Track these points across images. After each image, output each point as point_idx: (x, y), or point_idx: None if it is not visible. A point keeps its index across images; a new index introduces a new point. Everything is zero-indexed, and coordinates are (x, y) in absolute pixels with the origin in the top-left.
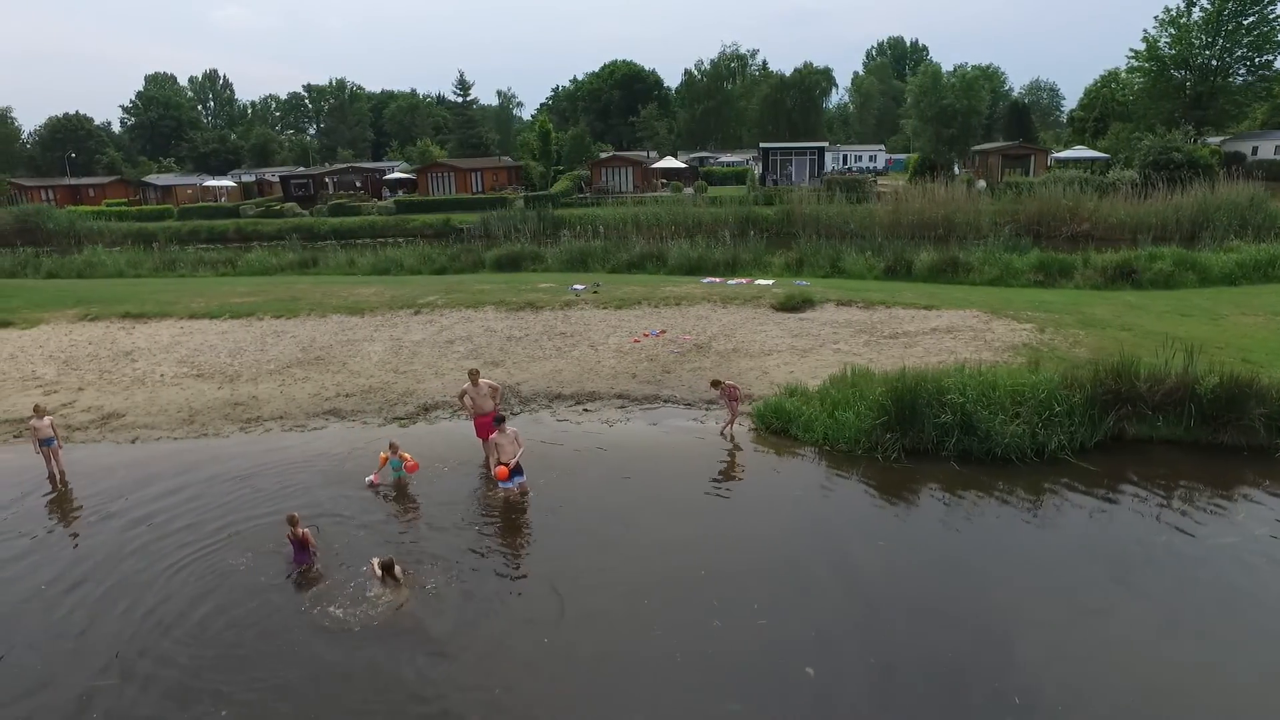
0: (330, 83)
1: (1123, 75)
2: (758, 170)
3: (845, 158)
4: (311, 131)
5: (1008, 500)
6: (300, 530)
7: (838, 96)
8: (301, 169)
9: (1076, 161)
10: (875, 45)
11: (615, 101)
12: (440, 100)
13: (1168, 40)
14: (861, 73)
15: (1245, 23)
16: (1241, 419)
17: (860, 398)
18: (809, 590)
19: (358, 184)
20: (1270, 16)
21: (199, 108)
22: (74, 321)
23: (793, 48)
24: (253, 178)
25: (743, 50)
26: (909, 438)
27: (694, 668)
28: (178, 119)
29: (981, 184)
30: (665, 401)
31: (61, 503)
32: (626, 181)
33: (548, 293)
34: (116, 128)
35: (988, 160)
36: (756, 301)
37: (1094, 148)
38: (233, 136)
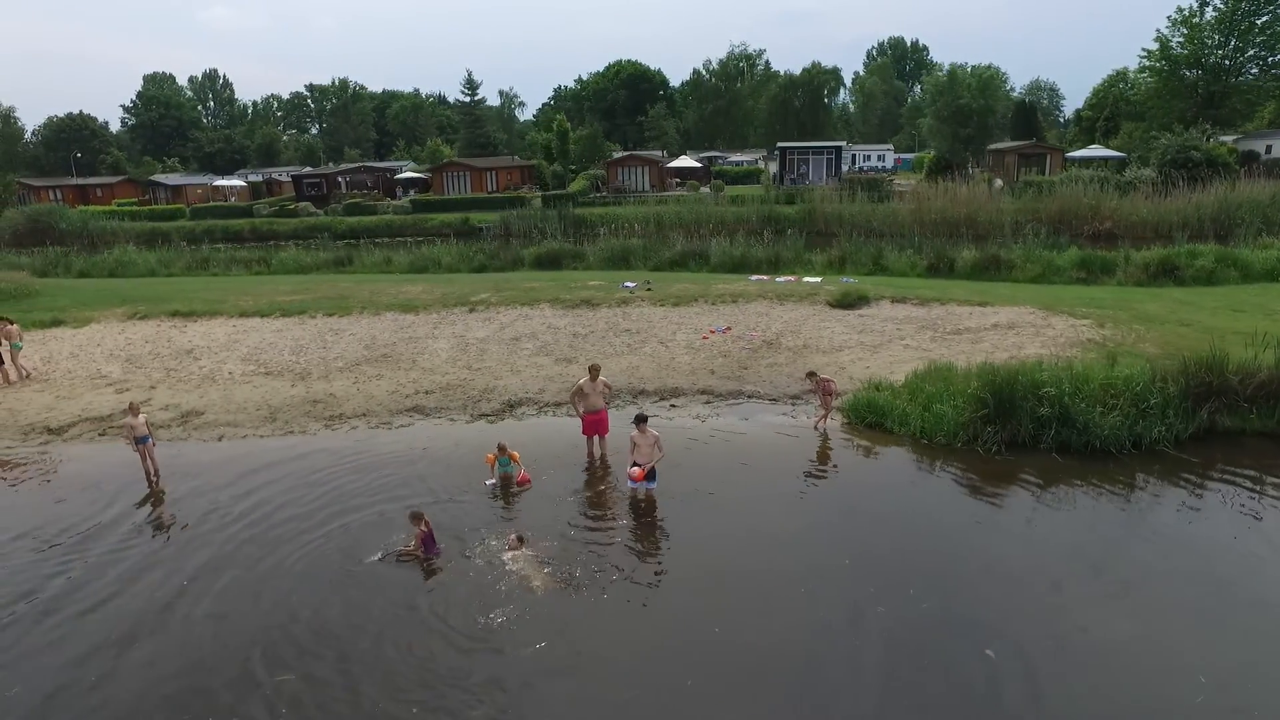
0: (333, 82)
1: (1132, 75)
2: (771, 169)
3: (854, 157)
4: (314, 131)
5: (1127, 491)
6: (425, 526)
7: (839, 97)
8: (308, 169)
9: (1091, 160)
10: (876, 45)
11: (621, 101)
12: (442, 100)
13: (1180, 40)
14: (862, 73)
15: (1259, 22)
16: None
17: (951, 392)
18: (956, 575)
19: (369, 183)
20: None
21: (199, 108)
22: (124, 320)
23: (784, 48)
24: (259, 177)
25: (751, 50)
26: (1007, 430)
27: (882, 649)
28: (179, 119)
29: (999, 183)
30: (749, 397)
31: (164, 500)
32: (643, 180)
33: (600, 290)
34: (115, 127)
35: (1004, 159)
36: (812, 298)
37: (1106, 147)
38: (237, 136)
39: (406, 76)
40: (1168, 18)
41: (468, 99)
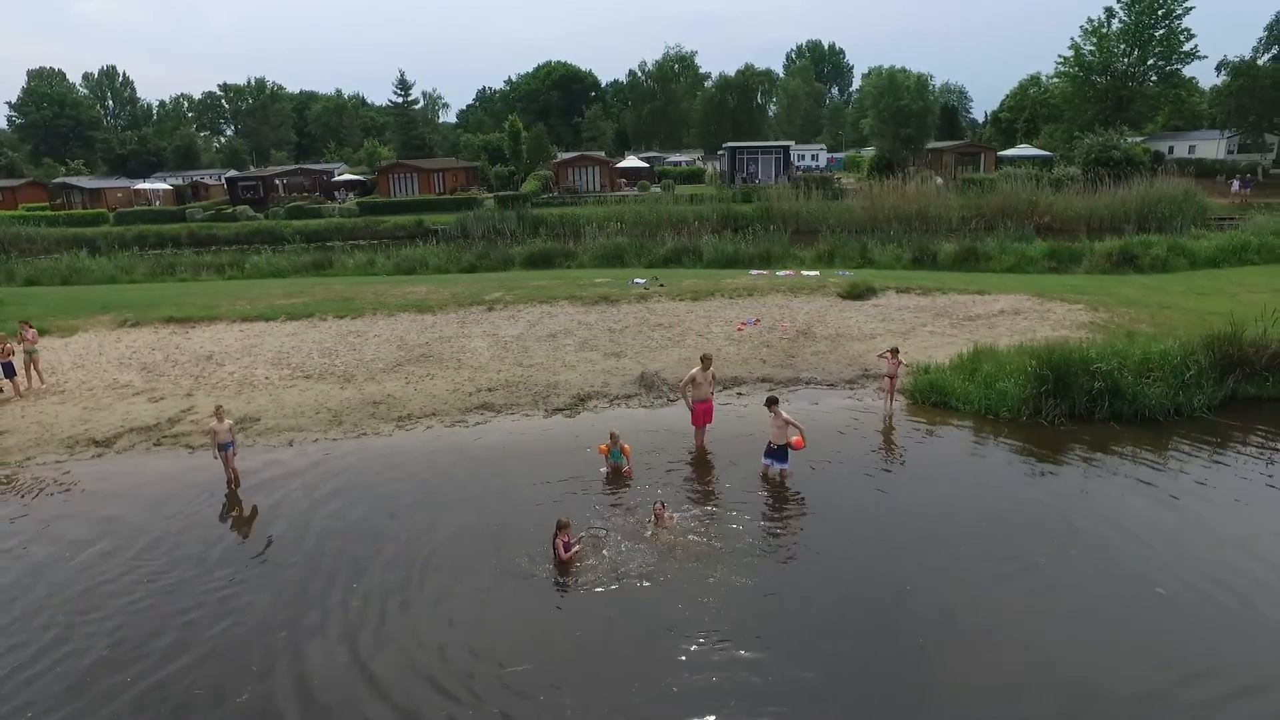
0: (248, 82)
1: (1045, 80)
2: (712, 169)
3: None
4: (229, 132)
5: (1188, 449)
6: (568, 536)
7: (772, 98)
8: (233, 171)
9: (1021, 159)
10: (795, 48)
11: (555, 102)
12: (363, 101)
13: (1091, 49)
14: (779, 75)
15: (1157, 34)
16: None
17: (1008, 370)
18: (1082, 535)
19: (306, 186)
20: (1177, 29)
21: (98, 107)
22: (115, 328)
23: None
24: (180, 180)
25: (685, 51)
26: (1065, 403)
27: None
28: (76, 118)
29: (939, 180)
30: (806, 383)
31: (248, 506)
32: (593, 181)
33: (610, 287)
34: (1, 124)
35: (942, 158)
36: (823, 291)
37: (1032, 147)
38: (152, 138)
39: (310, 76)
40: (1080, 27)
41: (400, 99)
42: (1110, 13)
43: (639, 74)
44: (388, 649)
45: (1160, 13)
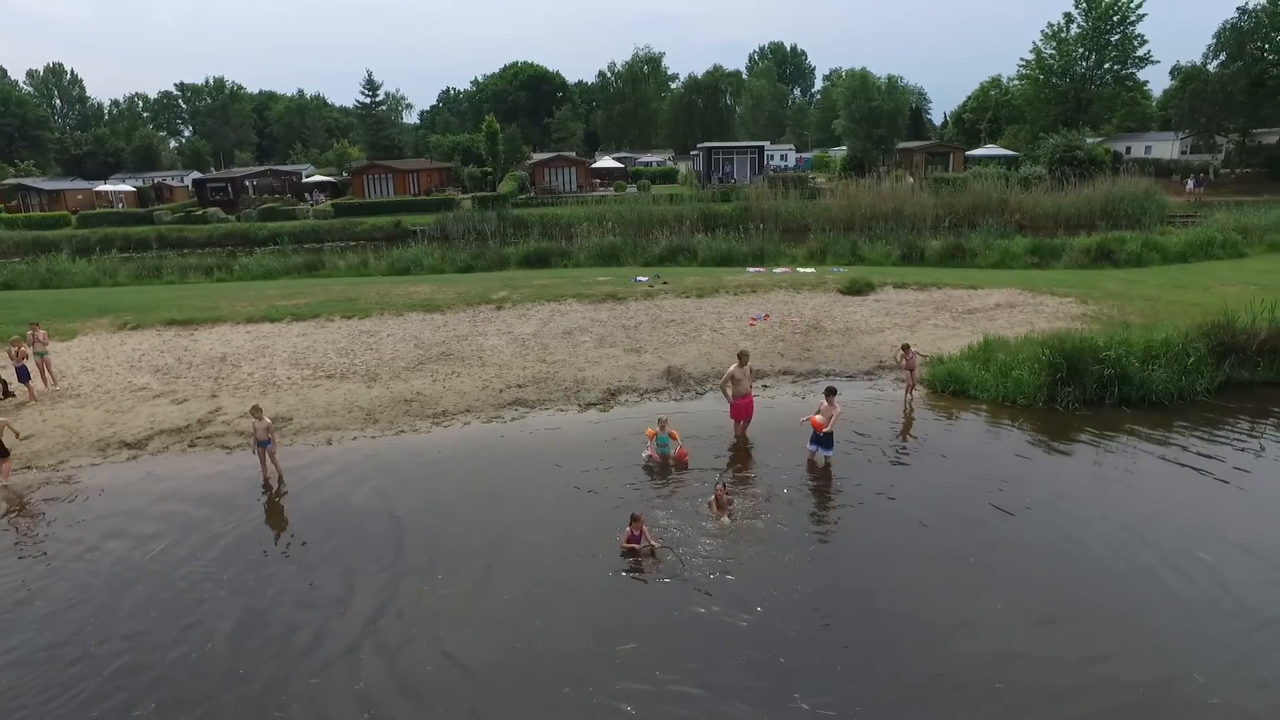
0: (206, 81)
1: (1007, 82)
2: (687, 168)
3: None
4: (186, 133)
5: (1197, 429)
6: (640, 528)
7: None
8: (198, 173)
9: (989, 159)
10: (758, 50)
11: (523, 103)
12: (324, 102)
13: (1051, 52)
14: (744, 76)
15: (1113, 39)
16: None
17: (1022, 360)
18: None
19: (276, 187)
20: (1131, 35)
21: (45, 106)
22: (115, 331)
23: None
24: (141, 182)
25: (654, 52)
26: (1077, 390)
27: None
28: (21, 116)
29: (910, 180)
30: (825, 375)
31: (305, 503)
32: (570, 181)
33: (614, 285)
34: None
35: (912, 158)
36: (824, 287)
37: (998, 146)
38: (109, 138)
39: (268, 76)
40: (1041, 32)
41: (368, 100)
42: (1069, 18)
43: (608, 75)
44: (484, 639)
45: (1116, 19)
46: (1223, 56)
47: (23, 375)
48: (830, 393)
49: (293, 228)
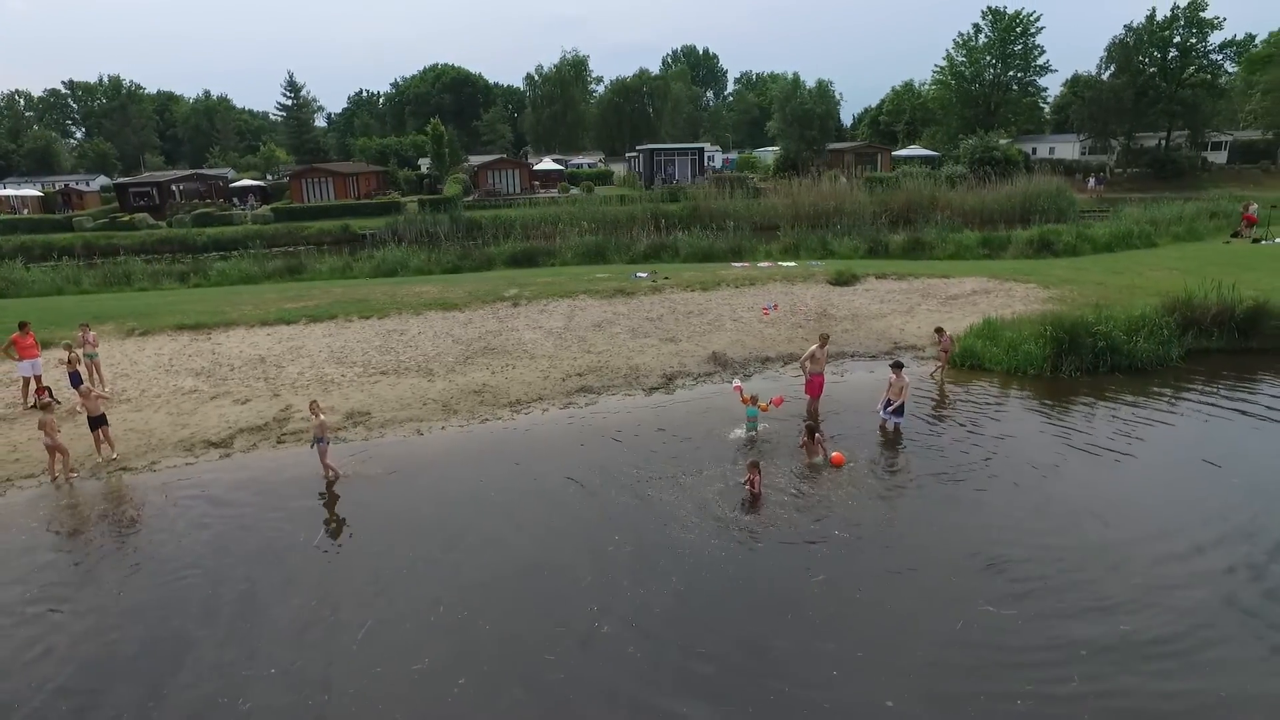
0: (101, 80)
1: (919, 86)
2: (625, 170)
3: None
4: (78, 134)
5: (1184, 387)
6: (758, 474)
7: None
8: (104, 177)
9: (913, 159)
10: (671, 53)
11: (446, 105)
12: (230, 103)
13: (963, 60)
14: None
15: (1016, 49)
16: (1264, 330)
17: (1026, 336)
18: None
19: (203, 191)
20: (1031, 46)
21: None
22: (123, 338)
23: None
24: (44, 186)
25: (580, 54)
26: (1076, 360)
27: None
28: None
29: (843, 179)
30: (852, 356)
31: (441, 487)
32: (513, 184)
33: (618, 281)
34: None
35: (843, 158)
36: (813, 279)
37: (920, 147)
38: None
39: (159, 76)
40: (953, 40)
41: (291, 102)
42: (978, 28)
43: (535, 77)
44: (652, 610)
45: (1019, 30)
46: (1113, 68)
47: (75, 381)
48: (897, 366)
49: (234, 233)
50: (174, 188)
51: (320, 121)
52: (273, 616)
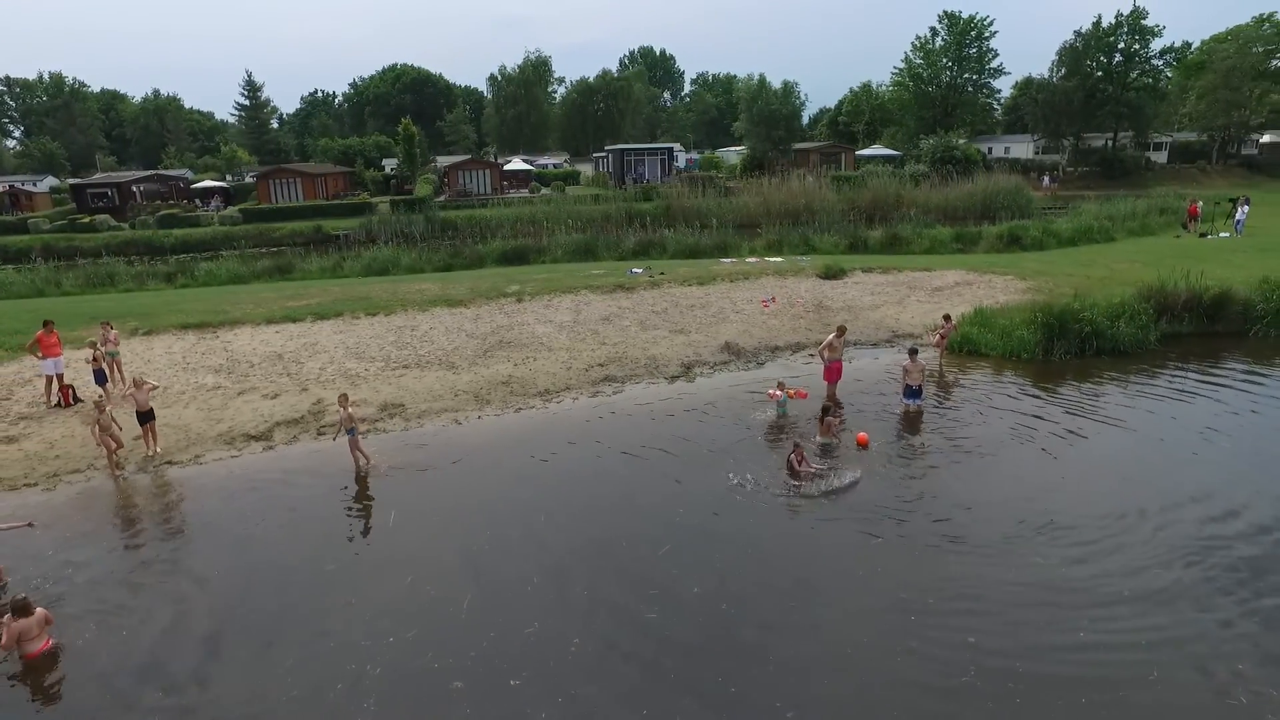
0: (41, 77)
1: (877, 88)
2: (593, 170)
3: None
4: (17, 133)
5: (1152, 366)
6: (802, 454)
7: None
8: (53, 178)
9: (875, 158)
10: (628, 54)
11: (407, 106)
12: (180, 103)
13: (920, 62)
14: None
15: (971, 52)
16: (1228, 315)
17: (1018, 323)
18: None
19: (164, 192)
20: (985, 49)
21: None
22: (129, 337)
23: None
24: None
25: (544, 55)
26: (1064, 345)
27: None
28: None
29: (810, 178)
30: (856, 345)
31: (506, 473)
32: (484, 184)
33: (615, 277)
34: None
35: (808, 157)
36: (803, 273)
37: (882, 147)
38: None
39: (99, 74)
40: (911, 44)
41: (249, 102)
42: (935, 31)
43: (499, 78)
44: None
45: (973, 34)
46: (1063, 71)
47: (100, 379)
48: (913, 352)
49: (202, 235)
50: (134, 189)
51: (273, 122)
52: (373, 593)
